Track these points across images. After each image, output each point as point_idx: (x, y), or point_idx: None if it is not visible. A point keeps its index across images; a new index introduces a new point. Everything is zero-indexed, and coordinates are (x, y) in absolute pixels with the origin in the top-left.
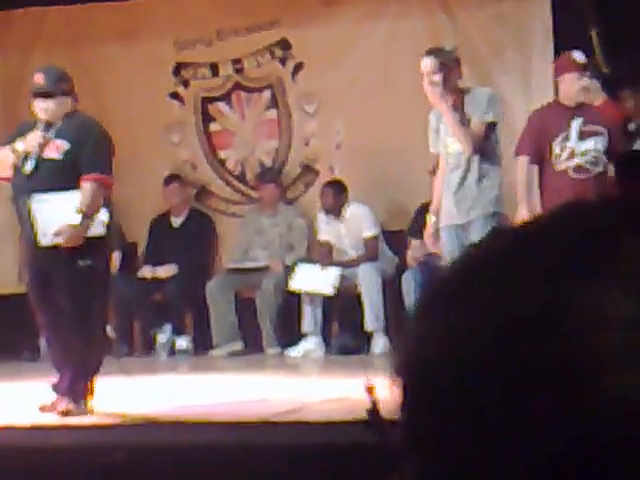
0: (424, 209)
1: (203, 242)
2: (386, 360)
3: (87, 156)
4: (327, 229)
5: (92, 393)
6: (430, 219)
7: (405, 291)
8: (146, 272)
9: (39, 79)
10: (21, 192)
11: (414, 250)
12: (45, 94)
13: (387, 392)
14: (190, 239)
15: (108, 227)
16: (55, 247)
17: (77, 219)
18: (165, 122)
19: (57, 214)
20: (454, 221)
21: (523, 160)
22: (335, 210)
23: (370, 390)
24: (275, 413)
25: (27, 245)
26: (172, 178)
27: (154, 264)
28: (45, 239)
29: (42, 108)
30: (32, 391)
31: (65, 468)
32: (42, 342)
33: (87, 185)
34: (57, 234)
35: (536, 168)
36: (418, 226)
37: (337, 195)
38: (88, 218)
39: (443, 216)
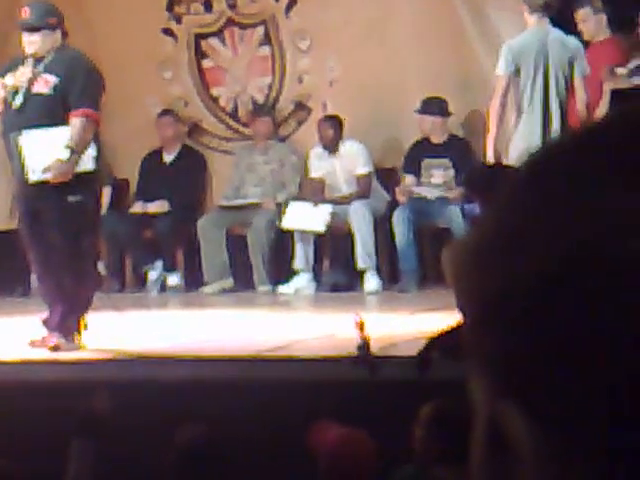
0: (418, 146)
1: (195, 179)
2: (377, 298)
3: (76, 91)
4: (320, 165)
5: (83, 329)
6: None
7: (395, 228)
8: (137, 208)
9: (26, 13)
10: (10, 127)
11: (406, 187)
12: (31, 28)
13: (376, 329)
14: (182, 176)
15: (97, 162)
16: (44, 183)
17: (66, 155)
18: (157, 58)
19: (46, 150)
20: None
21: None
22: (332, 144)
23: (360, 327)
24: (265, 349)
25: (17, 181)
26: (166, 112)
27: (145, 200)
28: (34, 175)
29: (28, 42)
30: (23, 326)
31: (55, 403)
32: (33, 278)
33: (76, 120)
34: (46, 170)
35: None
36: (412, 163)
37: (335, 129)
38: (77, 153)
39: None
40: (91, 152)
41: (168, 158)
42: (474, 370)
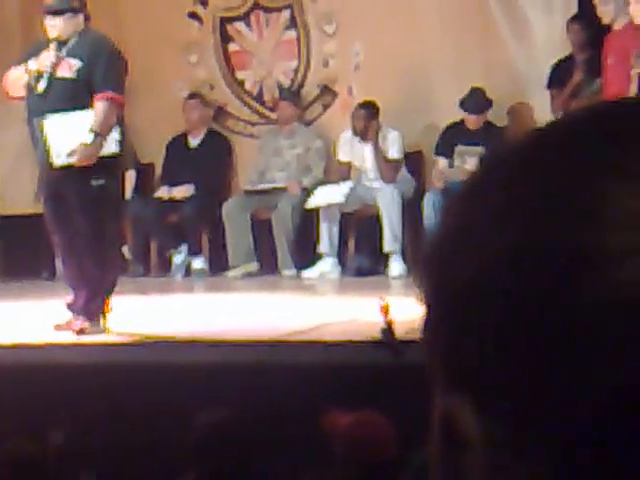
0: (452, 129)
1: (220, 163)
2: (402, 282)
3: (99, 74)
4: (350, 150)
5: (108, 312)
6: None
7: (426, 213)
8: (163, 192)
9: None
10: (34, 112)
11: (440, 171)
12: (55, 11)
13: (401, 313)
14: (207, 160)
15: (121, 146)
16: (68, 167)
17: (90, 138)
18: (183, 42)
19: (70, 134)
20: None
21: None
22: (364, 132)
23: (385, 310)
24: (289, 333)
25: (41, 166)
26: (193, 95)
27: (171, 184)
28: (59, 159)
29: (52, 25)
30: (49, 310)
31: (79, 386)
32: (58, 261)
33: (100, 104)
34: (71, 154)
35: None
36: (445, 146)
37: (369, 118)
38: (101, 137)
39: None
40: (115, 136)
41: (194, 142)
42: (429, 362)
